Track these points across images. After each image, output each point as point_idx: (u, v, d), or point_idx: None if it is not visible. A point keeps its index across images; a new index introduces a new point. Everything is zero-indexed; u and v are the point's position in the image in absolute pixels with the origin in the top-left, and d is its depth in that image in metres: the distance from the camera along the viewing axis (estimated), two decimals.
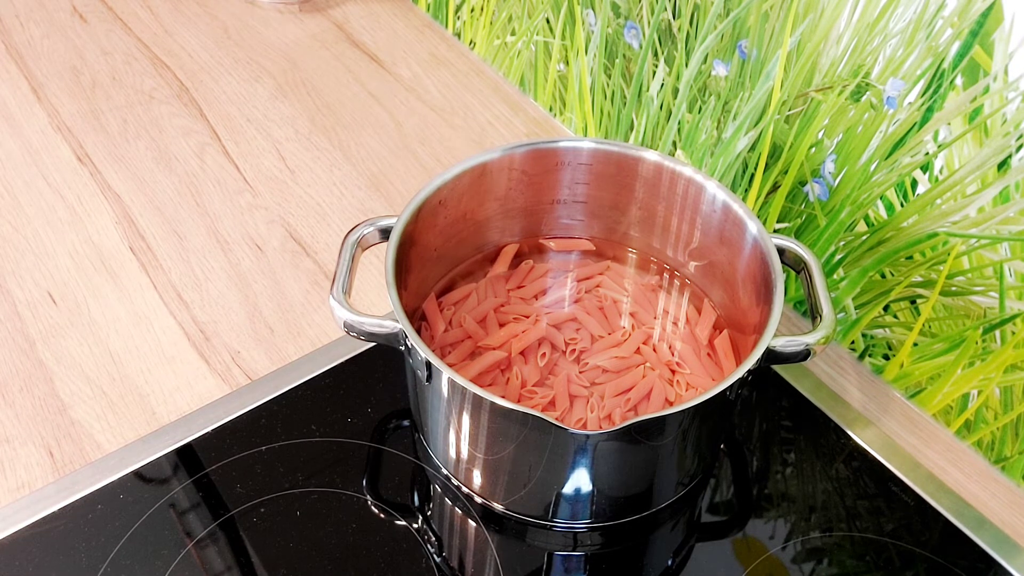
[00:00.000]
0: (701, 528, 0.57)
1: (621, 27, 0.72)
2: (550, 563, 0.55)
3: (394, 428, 0.60)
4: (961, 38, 0.50)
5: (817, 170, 0.62)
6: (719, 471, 0.59)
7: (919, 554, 0.55)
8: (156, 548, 0.53)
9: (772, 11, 0.60)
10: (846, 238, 0.62)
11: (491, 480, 0.55)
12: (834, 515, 0.57)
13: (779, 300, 0.52)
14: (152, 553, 0.53)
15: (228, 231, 0.72)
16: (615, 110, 0.76)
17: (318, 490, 0.56)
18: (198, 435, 0.59)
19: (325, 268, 0.70)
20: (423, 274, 0.60)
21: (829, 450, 0.60)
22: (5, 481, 0.57)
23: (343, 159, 0.79)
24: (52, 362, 0.63)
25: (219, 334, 0.65)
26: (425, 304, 0.61)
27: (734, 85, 0.65)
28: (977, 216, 0.54)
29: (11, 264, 0.69)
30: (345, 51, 0.91)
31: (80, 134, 0.80)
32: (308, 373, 0.63)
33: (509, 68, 0.87)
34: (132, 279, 0.69)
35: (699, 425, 0.52)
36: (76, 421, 0.60)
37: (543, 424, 0.46)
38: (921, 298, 0.59)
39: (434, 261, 0.61)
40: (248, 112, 0.83)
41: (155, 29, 0.92)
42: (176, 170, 0.77)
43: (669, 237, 0.63)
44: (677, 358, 0.59)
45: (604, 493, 0.53)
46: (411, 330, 0.49)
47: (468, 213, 0.61)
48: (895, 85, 0.55)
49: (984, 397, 0.58)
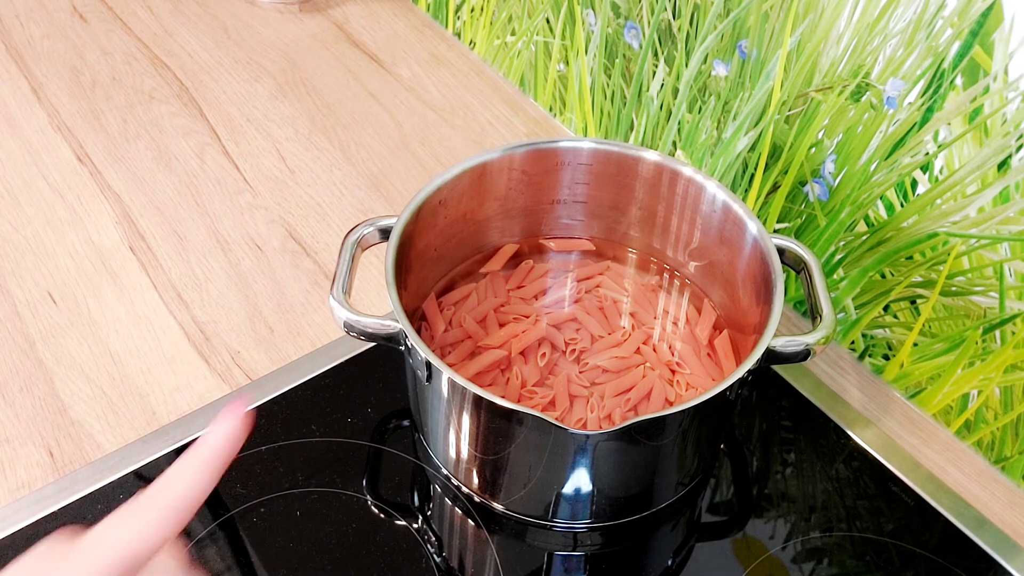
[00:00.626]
0: (701, 528, 0.57)
1: (621, 27, 0.72)
2: (550, 563, 0.55)
3: (394, 428, 0.60)
4: (961, 38, 0.50)
5: (817, 170, 0.62)
6: (719, 471, 0.59)
7: (919, 554, 0.55)
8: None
9: (772, 11, 0.60)
10: (846, 238, 0.62)
11: (491, 480, 0.55)
12: (834, 515, 0.57)
13: (779, 300, 0.52)
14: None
15: (228, 231, 0.72)
16: (615, 110, 0.76)
17: (318, 490, 0.56)
18: (198, 435, 0.58)
19: (325, 268, 0.70)
20: (423, 274, 0.60)
21: (829, 450, 0.60)
22: (5, 481, 0.57)
23: (343, 159, 0.79)
24: (52, 362, 0.63)
25: (219, 334, 0.65)
26: (425, 304, 0.61)
27: (734, 85, 0.65)
28: (977, 216, 0.54)
29: (11, 264, 0.69)
30: (345, 51, 0.91)
31: (80, 134, 0.80)
32: (308, 373, 0.63)
33: (509, 68, 0.87)
34: (132, 279, 0.69)
35: (699, 425, 0.52)
36: (76, 421, 0.60)
37: (543, 424, 0.46)
38: (921, 298, 0.59)
39: (434, 261, 0.61)
40: (248, 112, 0.83)
41: (155, 29, 0.92)
42: (176, 170, 0.77)
43: (669, 237, 0.63)
44: (677, 358, 0.59)
45: (604, 493, 0.53)
46: (411, 330, 0.49)
47: (468, 213, 0.61)
48: (895, 85, 0.55)
49: (984, 397, 0.58)
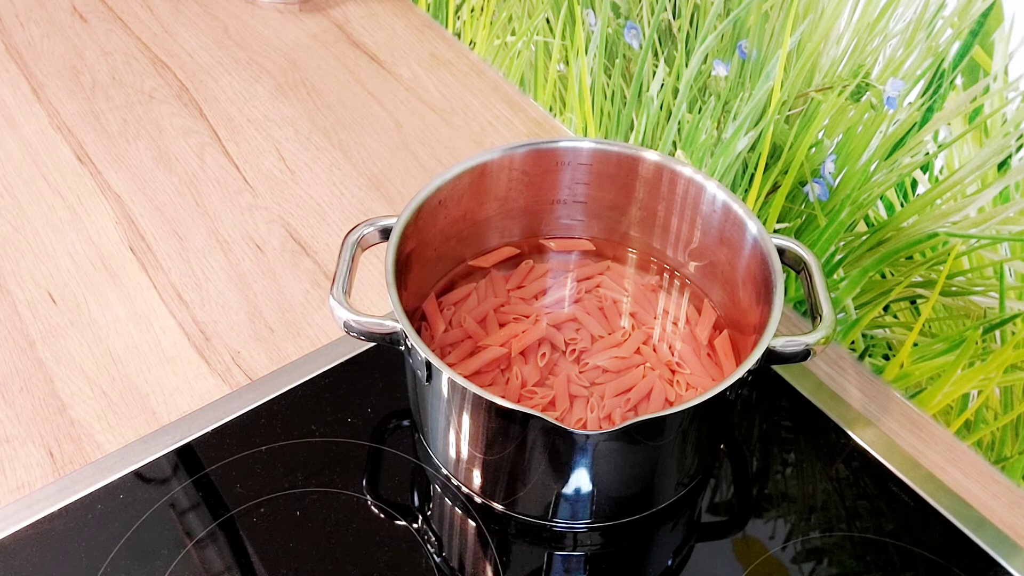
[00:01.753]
0: (701, 528, 0.57)
1: (621, 27, 0.72)
2: (550, 563, 0.55)
3: (394, 428, 0.60)
4: (961, 38, 0.50)
5: (817, 170, 0.62)
6: (719, 471, 0.59)
7: (919, 554, 0.55)
8: (156, 548, 0.53)
9: (772, 11, 0.60)
10: (846, 238, 0.62)
11: (491, 480, 0.55)
12: (834, 515, 0.57)
13: (779, 300, 0.52)
14: (152, 553, 0.53)
15: (228, 231, 0.72)
16: (615, 110, 0.76)
17: (318, 490, 0.56)
18: (198, 435, 0.59)
19: (325, 268, 0.70)
20: (423, 274, 0.60)
21: (829, 450, 0.60)
22: (5, 481, 0.57)
23: (343, 159, 0.79)
24: (52, 362, 0.63)
25: (219, 334, 0.65)
26: (425, 304, 0.61)
27: (734, 85, 0.65)
28: (977, 216, 0.54)
29: (11, 264, 0.69)
30: (345, 51, 0.91)
31: (80, 134, 0.80)
32: (308, 373, 0.63)
33: (509, 68, 0.87)
34: (132, 279, 0.69)
35: (699, 425, 0.52)
36: (76, 421, 0.60)
37: (543, 424, 0.46)
38: (921, 298, 0.59)
39: (434, 261, 0.61)
40: (248, 112, 0.83)
41: (155, 29, 0.92)
42: (176, 170, 0.77)
43: (669, 237, 0.63)
44: (677, 358, 0.59)
45: (604, 493, 0.53)
46: (411, 330, 0.49)
47: (468, 213, 0.61)
48: (895, 85, 0.55)
49: (984, 397, 0.58)
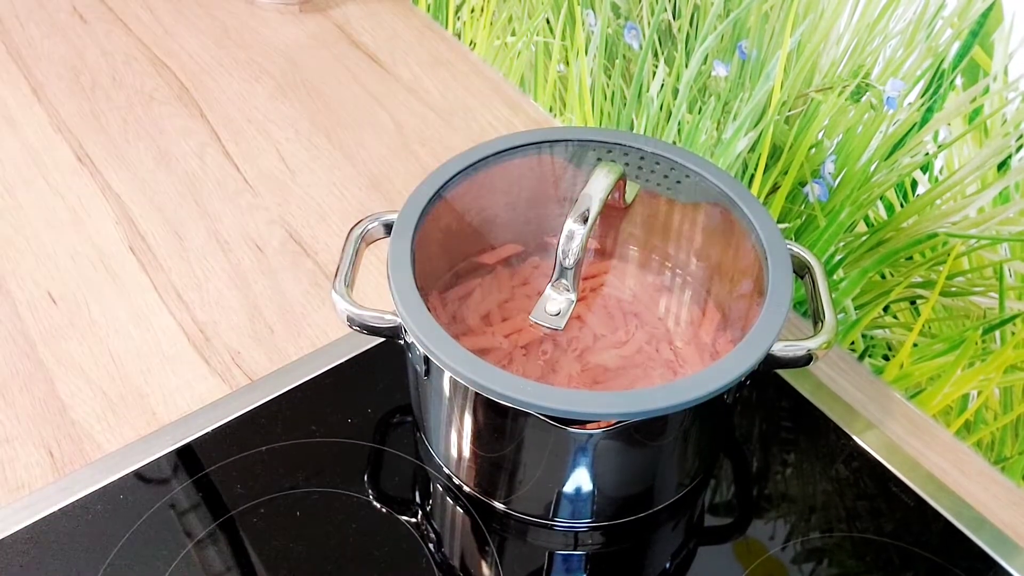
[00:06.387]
0: (701, 528, 0.57)
1: (621, 28, 0.72)
2: (551, 563, 0.55)
3: (394, 427, 0.60)
4: (961, 38, 0.50)
5: (817, 171, 0.62)
6: (719, 471, 0.59)
7: (919, 554, 0.55)
8: (156, 548, 0.53)
9: (772, 11, 0.60)
10: (846, 239, 0.62)
11: (491, 479, 0.55)
12: (834, 516, 0.57)
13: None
14: (152, 553, 0.53)
15: (228, 231, 0.72)
16: (615, 110, 0.76)
17: (318, 490, 0.56)
18: (198, 435, 0.59)
19: (325, 268, 0.70)
20: (426, 269, 0.60)
21: (829, 451, 0.60)
22: (5, 481, 0.57)
23: (343, 159, 0.79)
24: (52, 362, 0.63)
25: (219, 334, 0.65)
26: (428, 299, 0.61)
27: (734, 86, 0.65)
28: (977, 216, 0.54)
29: (11, 264, 0.69)
30: (345, 51, 0.91)
31: (80, 134, 0.80)
32: (308, 373, 0.63)
33: (509, 68, 0.87)
34: (132, 279, 0.68)
35: (699, 425, 0.52)
36: (76, 421, 0.60)
37: (543, 422, 0.46)
38: (921, 299, 0.59)
39: (437, 256, 0.61)
40: (248, 112, 0.83)
41: (155, 29, 0.92)
42: (176, 170, 0.77)
43: (671, 236, 0.63)
44: (680, 359, 0.59)
45: (604, 493, 0.53)
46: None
47: (472, 208, 0.61)
48: (895, 85, 0.55)
49: (984, 398, 0.58)
